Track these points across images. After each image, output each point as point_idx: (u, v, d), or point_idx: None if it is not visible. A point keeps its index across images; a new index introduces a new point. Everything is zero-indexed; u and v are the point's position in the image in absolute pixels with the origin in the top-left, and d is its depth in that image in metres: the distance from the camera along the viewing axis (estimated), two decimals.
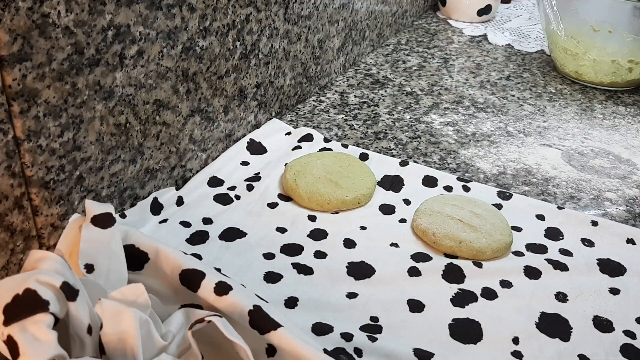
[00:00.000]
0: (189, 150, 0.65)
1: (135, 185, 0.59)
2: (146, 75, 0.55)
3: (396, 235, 0.60)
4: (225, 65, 0.66)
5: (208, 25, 0.61)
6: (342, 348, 0.46)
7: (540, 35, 1.15)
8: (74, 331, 0.37)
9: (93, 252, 0.44)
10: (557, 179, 0.71)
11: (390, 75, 0.95)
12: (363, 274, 0.55)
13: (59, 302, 0.36)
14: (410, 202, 0.64)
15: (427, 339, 0.48)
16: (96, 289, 0.41)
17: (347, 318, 0.50)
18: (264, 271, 0.54)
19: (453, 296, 0.53)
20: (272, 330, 0.41)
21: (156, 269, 0.47)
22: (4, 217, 0.46)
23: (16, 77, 0.43)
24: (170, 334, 0.41)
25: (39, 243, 0.50)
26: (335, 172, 0.65)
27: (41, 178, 0.48)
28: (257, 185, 0.65)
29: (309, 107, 0.83)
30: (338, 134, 0.77)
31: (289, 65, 0.78)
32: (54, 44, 0.45)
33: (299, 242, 0.58)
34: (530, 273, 0.56)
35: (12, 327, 0.34)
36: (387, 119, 0.81)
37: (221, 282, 0.45)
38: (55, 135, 0.48)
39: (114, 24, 0.50)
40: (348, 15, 0.89)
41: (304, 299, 0.52)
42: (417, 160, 0.73)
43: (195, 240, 0.57)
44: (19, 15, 0.42)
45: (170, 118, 0.60)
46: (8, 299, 0.35)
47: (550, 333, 0.50)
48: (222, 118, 0.68)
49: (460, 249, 0.57)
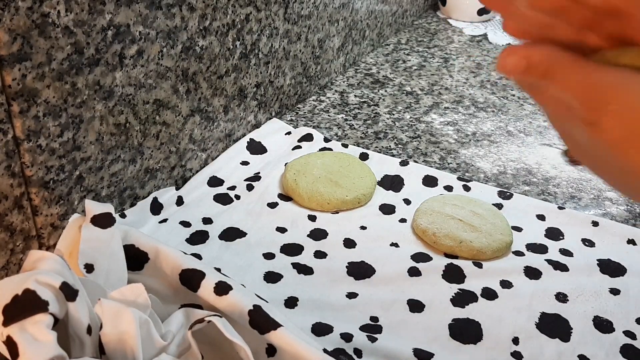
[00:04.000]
0: (189, 150, 0.64)
1: (135, 185, 0.59)
2: (146, 75, 0.55)
3: (396, 235, 0.60)
4: (225, 65, 0.65)
5: (208, 25, 0.61)
6: (342, 349, 0.46)
7: None
8: (73, 331, 0.37)
9: (93, 251, 0.44)
10: (558, 178, 0.70)
11: (391, 75, 0.94)
12: (363, 274, 0.55)
13: (59, 302, 0.36)
14: (410, 202, 0.64)
15: (427, 339, 0.48)
16: (96, 289, 0.41)
17: (347, 318, 0.50)
18: (264, 271, 0.54)
19: (453, 296, 0.53)
20: (272, 330, 0.41)
21: (156, 269, 0.47)
22: (3, 217, 0.46)
23: (16, 76, 0.43)
24: (170, 334, 0.41)
25: (38, 243, 0.50)
26: (335, 171, 0.65)
27: (41, 178, 0.48)
28: (257, 185, 0.65)
29: (309, 106, 0.83)
30: (338, 134, 0.77)
31: (289, 64, 0.78)
32: (54, 44, 0.45)
33: (299, 242, 0.58)
34: (531, 273, 0.55)
35: (12, 328, 0.34)
36: (387, 118, 0.81)
37: (221, 282, 0.44)
38: (55, 135, 0.48)
39: (114, 23, 0.50)
40: (348, 15, 0.89)
41: (304, 299, 0.52)
42: (417, 160, 0.72)
43: (195, 240, 0.57)
44: (18, 15, 0.42)
45: (170, 118, 0.60)
46: (7, 300, 0.35)
47: (551, 333, 0.50)
48: (222, 118, 0.68)
49: (461, 248, 0.57)
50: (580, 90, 0.28)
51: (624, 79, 0.27)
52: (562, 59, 0.29)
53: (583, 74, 0.28)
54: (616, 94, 0.27)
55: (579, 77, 0.28)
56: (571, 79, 0.28)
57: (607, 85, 0.27)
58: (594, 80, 0.28)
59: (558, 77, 0.28)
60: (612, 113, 0.27)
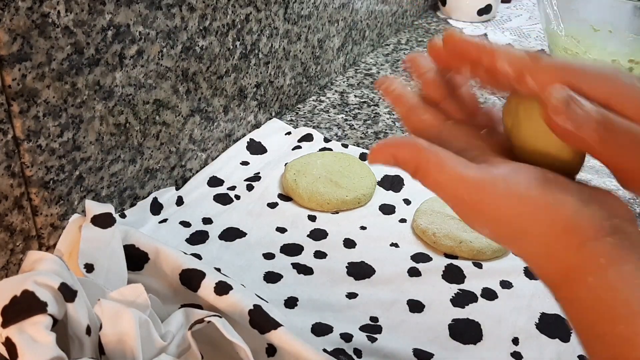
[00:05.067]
0: (189, 150, 0.64)
1: (135, 185, 0.59)
2: (146, 75, 0.55)
3: (396, 235, 0.60)
4: (225, 65, 0.65)
5: (208, 25, 0.61)
6: (341, 349, 0.46)
7: (540, 35, 1.15)
8: (72, 332, 0.37)
9: (93, 251, 0.44)
10: None
11: (391, 75, 0.94)
12: (363, 274, 0.55)
13: (57, 303, 0.36)
14: (410, 202, 0.64)
15: (427, 339, 0.48)
16: (95, 290, 0.41)
17: (347, 318, 0.50)
18: (264, 271, 0.54)
19: (453, 296, 0.53)
20: (272, 330, 0.41)
21: (156, 269, 0.47)
22: (3, 217, 0.46)
23: (16, 77, 0.43)
24: (170, 334, 0.41)
25: (38, 243, 0.50)
26: (335, 172, 0.65)
27: (41, 178, 0.48)
28: (257, 185, 0.65)
29: (309, 106, 0.83)
30: (338, 134, 0.77)
31: (288, 65, 0.78)
32: (54, 44, 0.45)
33: (299, 242, 0.58)
34: (531, 273, 0.55)
35: (11, 329, 0.34)
36: (387, 118, 0.81)
37: (221, 282, 0.45)
38: (54, 135, 0.48)
39: (114, 23, 0.50)
40: (348, 15, 0.89)
41: (303, 299, 0.52)
42: None
43: (195, 240, 0.57)
44: (18, 15, 0.42)
45: (170, 118, 0.60)
46: (6, 301, 0.35)
47: (551, 334, 0.50)
48: (222, 118, 0.68)
49: (461, 248, 0.57)
50: (451, 199, 0.30)
51: (489, 188, 0.29)
52: (429, 157, 0.30)
53: (451, 182, 0.29)
54: (482, 207, 0.29)
55: (448, 185, 0.29)
56: (442, 184, 0.29)
57: (474, 200, 0.29)
58: (461, 192, 0.29)
59: (429, 178, 0.30)
60: (482, 223, 0.29)
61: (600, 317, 0.26)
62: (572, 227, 0.27)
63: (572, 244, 0.27)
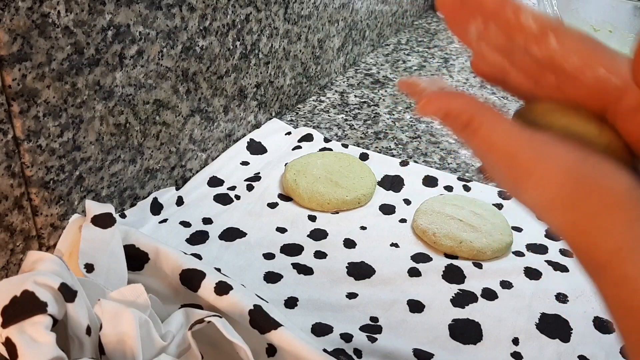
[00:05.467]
0: (189, 150, 0.64)
1: (135, 185, 0.59)
2: (146, 75, 0.55)
3: (396, 235, 0.60)
4: (225, 65, 0.65)
5: (208, 25, 0.61)
6: (341, 349, 0.46)
7: None
8: (72, 332, 0.37)
9: (93, 251, 0.44)
10: None
11: (391, 75, 0.94)
12: (363, 274, 0.55)
13: (57, 303, 0.36)
14: (410, 202, 0.64)
15: (427, 339, 0.48)
16: (95, 290, 0.40)
17: (347, 318, 0.50)
18: (264, 271, 0.54)
19: (453, 297, 0.53)
20: (273, 330, 0.41)
21: (156, 269, 0.47)
22: (3, 217, 0.46)
23: (16, 77, 0.43)
24: (170, 334, 0.41)
25: (38, 243, 0.50)
26: (335, 172, 0.65)
27: (41, 178, 0.48)
28: (257, 185, 0.65)
29: (309, 107, 0.83)
30: (338, 134, 0.77)
31: (289, 65, 0.78)
32: (54, 44, 0.45)
33: (299, 242, 0.58)
34: (531, 273, 0.55)
35: (11, 329, 0.34)
36: (387, 118, 0.81)
37: (221, 282, 0.44)
38: (55, 135, 0.48)
39: (114, 23, 0.50)
40: (348, 15, 0.89)
41: (304, 299, 0.52)
42: (417, 160, 0.72)
43: (195, 240, 0.57)
44: (18, 15, 0.42)
45: (170, 118, 0.60)
46: (6, 301, 0.35)
47: (551, 334, 0.50)
48: (222, 118, 0.68)
49: (461, 248, 0.57)
50: (503, 157, 0.29)
51: (545, 147, 0.28)
52: (484, 111, 0.29)
53: (506, 139, 0.29)
54: (536, 165, 0.28)
55: (502, 142, 0.29)
56: (494, 141, 0.29)
57: (529, 158, 0.28)
58: (516, 149, 0.28)
59: (481, 133, 0.29)
60: (533, 184, 0.28)
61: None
62: (624, 203, 0.27)
63: (624, 219, 0.27)
